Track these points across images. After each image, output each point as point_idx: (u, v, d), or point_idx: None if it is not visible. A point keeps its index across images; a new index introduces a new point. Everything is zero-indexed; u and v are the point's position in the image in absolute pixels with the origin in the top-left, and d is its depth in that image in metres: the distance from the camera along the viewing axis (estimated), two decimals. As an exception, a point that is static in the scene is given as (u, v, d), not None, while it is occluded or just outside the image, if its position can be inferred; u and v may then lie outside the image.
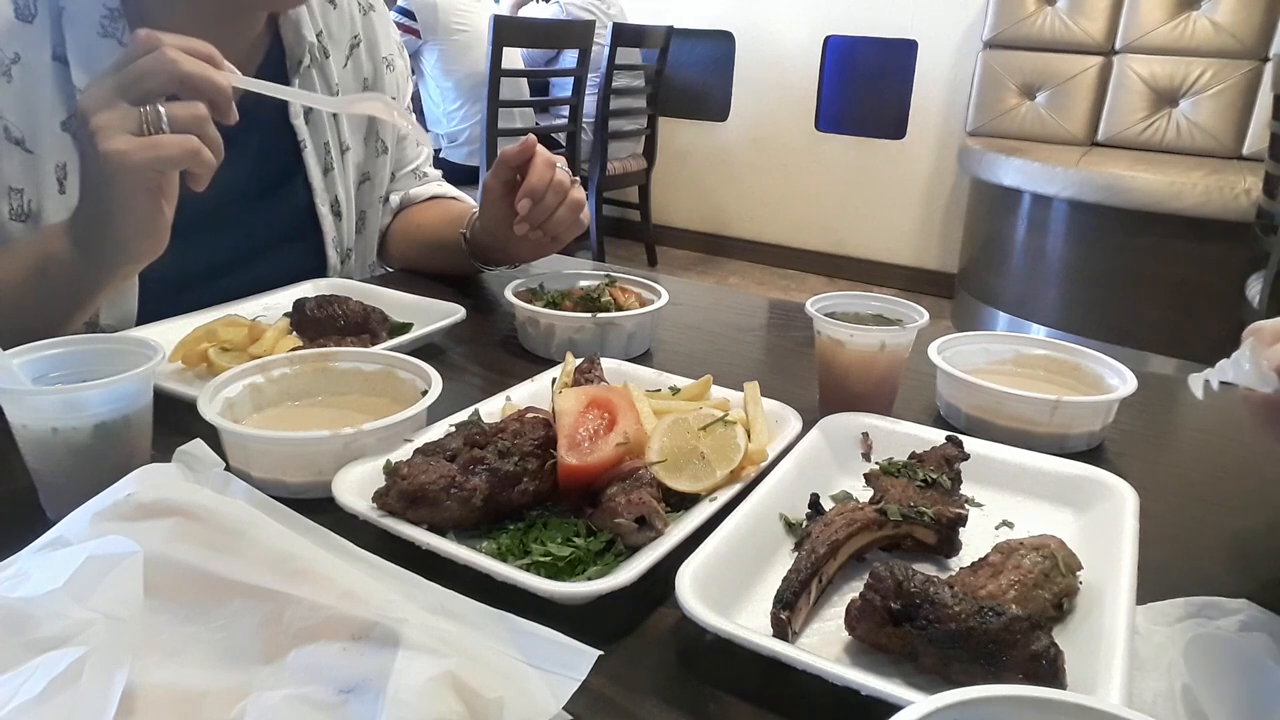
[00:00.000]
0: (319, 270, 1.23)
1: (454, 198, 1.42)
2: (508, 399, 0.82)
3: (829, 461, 0.76)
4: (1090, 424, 0.84)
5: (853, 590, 0.59)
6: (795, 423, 0.78)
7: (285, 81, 1.15)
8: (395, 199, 1.36)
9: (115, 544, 0.48)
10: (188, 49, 0.78)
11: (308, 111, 1.18)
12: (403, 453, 0.70)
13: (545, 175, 1.05)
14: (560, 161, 1.09)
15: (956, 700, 0.35)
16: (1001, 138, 4.07)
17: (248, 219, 1.15)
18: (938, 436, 0.76)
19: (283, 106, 1.15)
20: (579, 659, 0.48)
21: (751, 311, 1.31)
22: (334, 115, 1.21)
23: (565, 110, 3.97)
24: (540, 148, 1.07)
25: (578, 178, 1.13)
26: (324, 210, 1.21)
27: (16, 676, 0.42)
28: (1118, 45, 3.94)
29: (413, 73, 4.10)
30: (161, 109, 0.76)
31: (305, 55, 1.16)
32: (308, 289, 1.12)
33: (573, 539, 0.63)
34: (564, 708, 0.46)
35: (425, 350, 1.02)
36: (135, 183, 0.78)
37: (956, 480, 0.71)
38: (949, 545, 0.65)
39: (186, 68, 0.77)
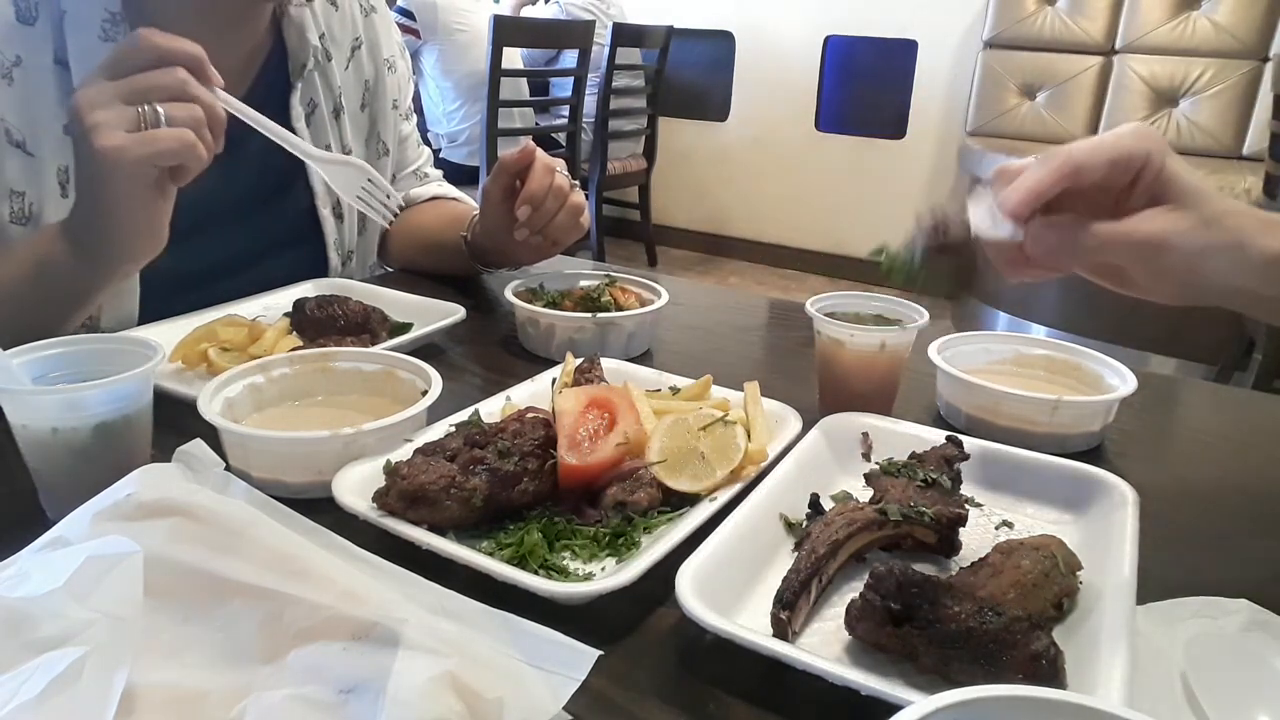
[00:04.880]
0: (320, 272, 1.23)
1: (454, 198, 1.42)
2: (508, 399, 0.82)
3: (829, 461, 0.76)
4: (1090, 424, 0.84)
5: (853, 590, 0.59)
6: (795, 423, 0.78)
7: (288, 84, 1.15)
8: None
9: (115, 544, 0.48)
10: (181, 53, 0.78)
11: (309, 114, 1.18)
12: (403, 453, 0.69)
13: (544, 181, 1.05)
14: (559, 165, 1.09)
15: (956, 700, 0.35)
16: (1001, 138, 4.07)
17: (250, 221, 1.15)
18: (938, 436, 0.76)
19: (284, 109, 1.15)
20: (579, 659, 0.48)
21: (751, 311, 1.31)
22: (335, 116, 1.21)
23: (565, 110, 3.97)
24: (539, 152, 1.07)
25: (577, 181, 1.13)
26: (325, 213, 1.21)
27: (16, 676, 0.42)
28: (1118, 45, 3.95)
29: (413, 73, 4.11)
30: (160, 109, 0.76)
31: (309, 58, 1.16)
32: (308, 289, 1.13)
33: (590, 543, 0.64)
34: (564, 708, 0.46)
35: (425, 350, 1.02)
36: (132, 179, 0.77)
37: (956, 480, 0.71)
38: (949, 545, 0.65)
39: (196, 92, 0.78)
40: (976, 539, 0.66)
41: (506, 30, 3.47)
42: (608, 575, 0.57)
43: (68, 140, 0.96)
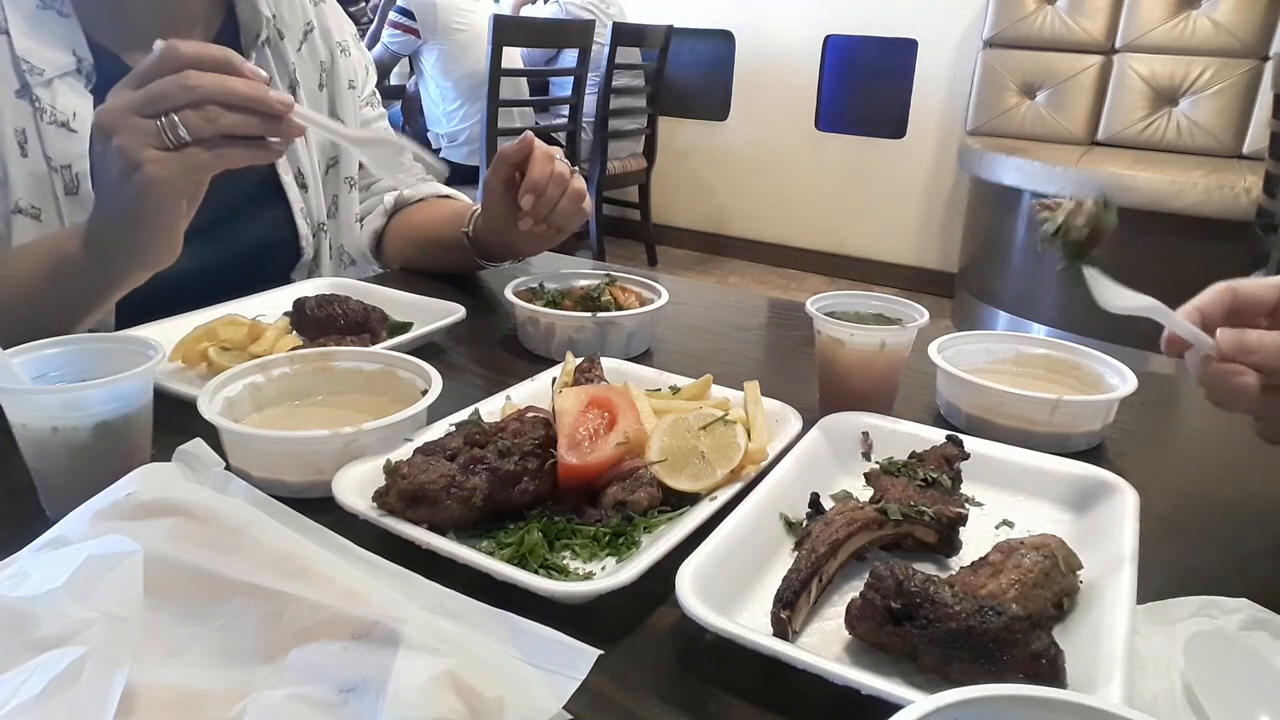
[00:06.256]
0: (292, 240, 1.23)
1: (448, 196, 1.42)
2: (508, 398, 0.82)
3: (829, 461, 0.76)
4: (1091, 423, 0.84)
5: (853, 590, 0.59)
6: (795, 422, 0.78)
7: (242, 56, 1.15)
8: (390, 199, 1.36)
9: (115, 543, 0.48)
10: (206, 59, 0.78)
11: (266, 84, 1.18)
12: (403, 452, 0.70)
13: (545, 169, 1.06)
14: (558, 153, 1.09)
15: (956, 700, 0.35)
16: (1001, 137, 4.07)
17: (211, 184, 1.14)
18: (938, 436, 0.76)
19: None
20: (579, 658, 0.48)
21: (751, 311, 1.31)
22: (291, 92, 1.21)
23: (565, 110, 3.98)
24: (538, 142, 1.08)
25: (576, 167, 1.13)
26: (287, 179, 1.22)
27: (16, 676, 0.42)
28: (1118, 44, 3.94)
29: (412, 72, 4.11)
30: (176, 118, 0.76)
31: (262, 30, 1.16)
32: (308, 289, 1.13)
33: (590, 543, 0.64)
34: (564, 707, 0.46)
35: (425, 350, 1.02)
36: (169, 196, 0.79)
37: (957, 480, 0.71)
38: (949, 544, 0.65)
39: (209, 88, 0.77)
40: (976, 538, 0.66)
41: (506, 30, 3.47)
42: (608, 575, 0.57)
43: (23, 104, 0.98)
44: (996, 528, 0.69)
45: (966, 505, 0.68)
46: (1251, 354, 0.65)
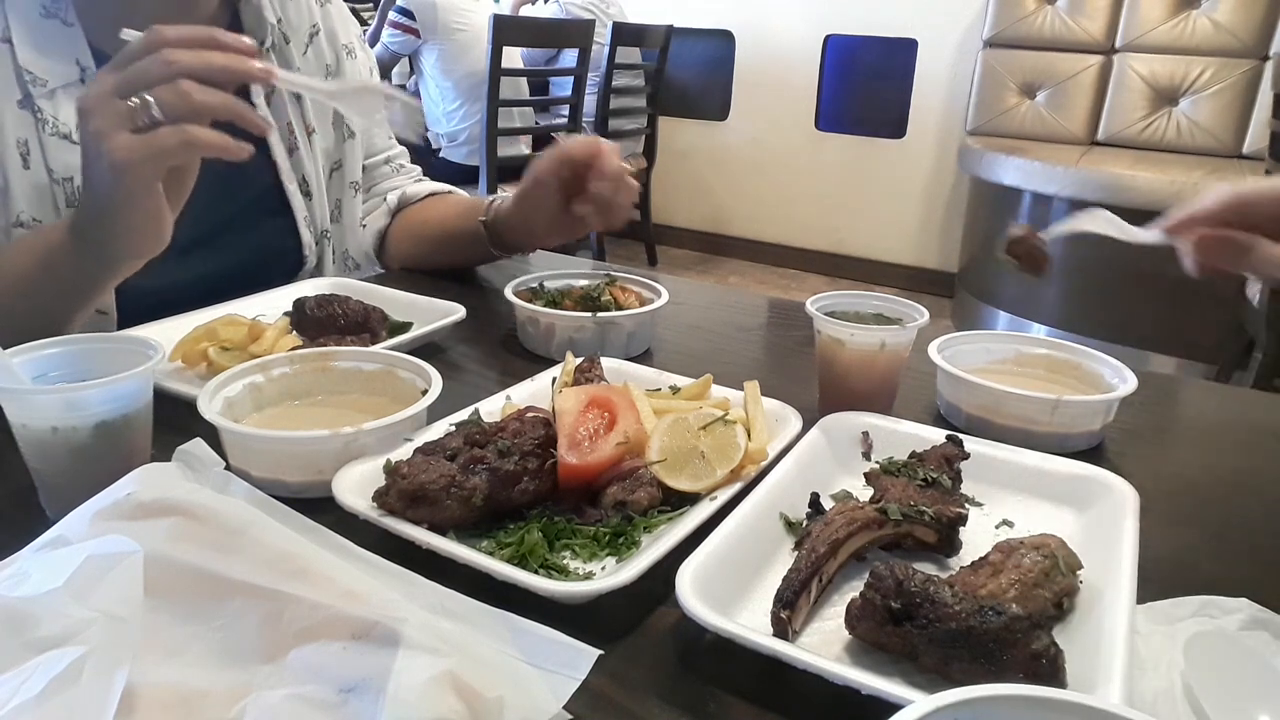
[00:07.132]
0: (295, 248, 1.23)
1: (449, 193, 1.43)
2: (508, 398, 0.82)
3: (829, 461, 0.76)
4: (1090, 423, 0.84)
5: (853, 590, 0.59)
6: (795, 422, 0.78)
7: None
8: (393, 198, 1.36)
9: (115, 543, 0.48)
10: (189, 39, 0.78)
11: (269, 93, 1.18)
12: (403, 452, 0.69)
13: (616, 164, 1.09)
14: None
15: (956, 700, 0.35)
16: (1001, 137, 4.07)
17: (214, 193, 1.13)
18: (938, 436, 0.76)
19: (243, 87, 1.13)
20: (579, 658, 0.48)
21: (751, 311, 1.31)
22: (296, 98, 1.21)
23: (565, 110, 3.97)
24: (605, 141, 1.11)
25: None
26: (292, 188, 1.22)
27: (16, 676, 0.42)
28: (1118, 44, 3.94)
29: (412, 72, 4.11)
30: (149, 97, 0.75)
31: (267, 36, 1.16)
32: (307, 289, 1.12)
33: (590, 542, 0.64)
34: (564, 707, 0.46)
35: (425, 349, 1.02)
36: (138, 181, 0.78)
37: (957, 479, 0.71)
38: (949, 544, 0.65)
39: (186, 63, 0.76)
40: (976, 538, 0.66)
41: (506, 30, 3.47)
42: (608, 574, 0.57)
43: (25, 114, 0.98)
44: (996, 528, 0.69)
45: (966, 505, 0.68)
46: (1226, 264, 0.68)
